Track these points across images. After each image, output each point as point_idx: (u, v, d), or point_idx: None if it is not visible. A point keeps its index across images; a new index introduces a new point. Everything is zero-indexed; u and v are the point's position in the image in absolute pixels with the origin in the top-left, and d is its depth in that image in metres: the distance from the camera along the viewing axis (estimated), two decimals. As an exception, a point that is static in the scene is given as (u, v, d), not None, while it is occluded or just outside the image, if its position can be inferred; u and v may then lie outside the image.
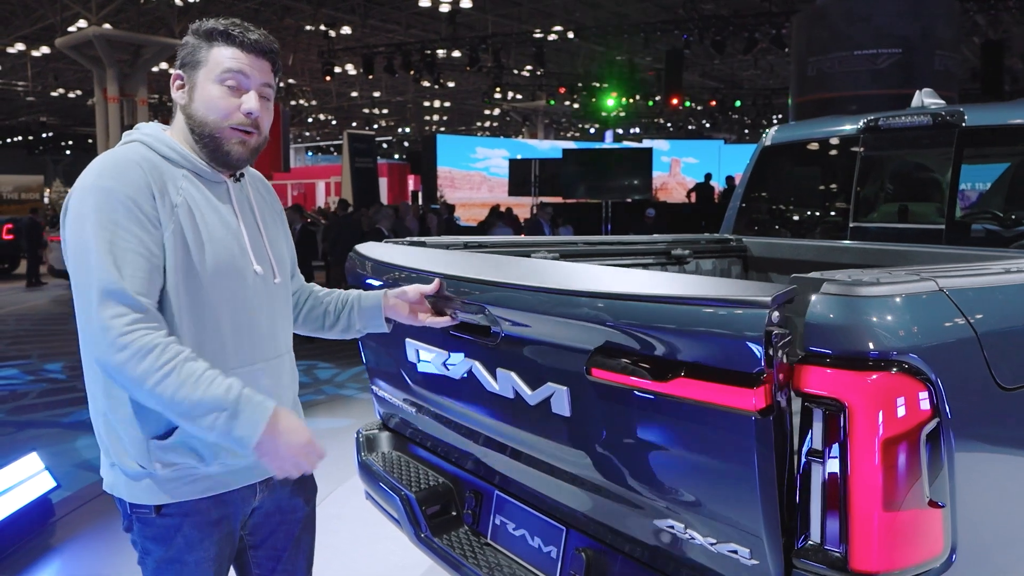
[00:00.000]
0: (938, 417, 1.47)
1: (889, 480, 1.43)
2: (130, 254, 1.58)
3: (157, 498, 1.71)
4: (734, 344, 1.46)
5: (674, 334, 1.57)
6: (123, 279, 1.55)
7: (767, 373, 1.43)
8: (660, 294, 1.62)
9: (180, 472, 1.70)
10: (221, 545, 1.81)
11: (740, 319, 1.44)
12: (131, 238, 1.59)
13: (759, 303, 1.42)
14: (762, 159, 4.07)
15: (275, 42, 1.81)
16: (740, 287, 1.52)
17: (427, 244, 2.93)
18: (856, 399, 1.43)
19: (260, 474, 1.83)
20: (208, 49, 1.74)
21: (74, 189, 1.64)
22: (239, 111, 1.73)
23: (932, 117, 3.32)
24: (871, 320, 1.46)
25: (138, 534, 1.76)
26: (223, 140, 1.74)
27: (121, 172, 1.64)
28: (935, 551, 1.50)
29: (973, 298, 1.63)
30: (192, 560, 1.75)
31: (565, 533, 2.16)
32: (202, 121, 1.74)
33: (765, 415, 1.44)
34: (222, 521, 1.79)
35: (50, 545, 4.05)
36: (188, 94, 1.76)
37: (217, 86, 1.72)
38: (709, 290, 1.57)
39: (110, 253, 1.56)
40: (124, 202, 1.60)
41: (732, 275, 3.97)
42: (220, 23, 1.74)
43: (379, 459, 2.89)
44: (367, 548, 3.92)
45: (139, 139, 1.75)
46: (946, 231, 3.29)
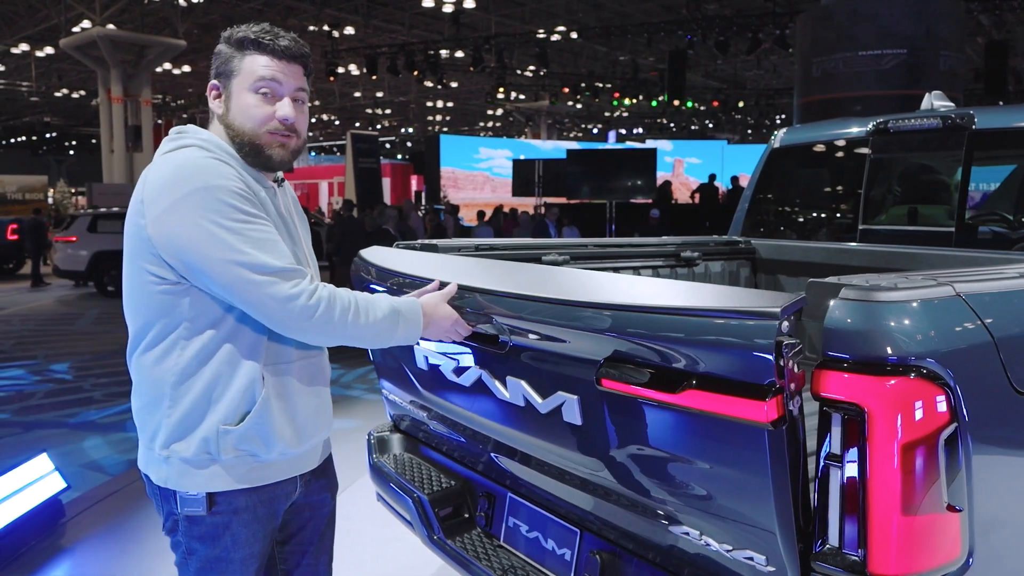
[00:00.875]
0: (956, 421, 1.48)
1: (908, 484, 1.44)
2: (268, 234, 1.69)
3: (215, 485, 1.75)
4: (744, 355, 1.46)
5: (683, 345, 1.56)
6: (277, 257, 1.67)
7: (779, 384, 1.42)
8: (668, 305, 1.61)
9: (243, 459, 1.75)
10: (264, 542, 1.85)
11: (750, 330, 1.44)
12: (259, 221, 1.69)
13: (768, 314, 1.42)
14: (771, 161, 4.07)
15: (305, 46, 1.84)
16: (749, 296, 1.52)
17: (439, 248, 2.93)
18: (875, 404, 1.43)
19: (306, 465, 1.90)
20: (241, 58, 1.77)
21: (174, 197, 1.64)
22: (274, 118, 1.77)
23: (942, 119, 3.32)
24: (889, 325, 1.47)
25: (184, 534, 1.78)
26: (263, 146, 1.79)
27: (217, 168, 1.68)
28: (953, 555, 1.51)
29: (989, 302, 1.64)
30: (238, 558, 1.79)
31: (579, 536, 2.17)
32: (240, 130, 1.78)
33: (777, 426, 1.44)
34: (268, 517, 1.83)
35: (61, 546, 4.07)
36: (224, 104, 1.80)
37: (252, 95, 1.77)
38: (718, 300, 1.56)
39: (252, 240, 1.65)
40: (237, 192, 1.67)
41: (741, 277, 3.98)
42: (251, 31, 1.77)
43: (391, 461, 2.90)
44: (376, 549, 3.93)
45: (195, 144, 1.76)
46: (956, 234, 3.29)
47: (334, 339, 1.77)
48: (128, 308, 1.79)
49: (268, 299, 1.65)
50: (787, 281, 3.89)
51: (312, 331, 1.72)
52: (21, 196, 31.28)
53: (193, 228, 1.63)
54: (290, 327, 1.70)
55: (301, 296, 1.67)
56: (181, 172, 1.67)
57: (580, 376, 1.82)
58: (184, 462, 1.73)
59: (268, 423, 1.76)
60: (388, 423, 3.11)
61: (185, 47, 21.12)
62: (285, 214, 1.89)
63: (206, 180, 1.65)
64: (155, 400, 1.75)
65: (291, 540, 1.99)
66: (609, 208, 14.92)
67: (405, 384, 2.68)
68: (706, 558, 1.77)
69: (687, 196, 22.64)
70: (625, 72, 24.75)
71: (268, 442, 1.77)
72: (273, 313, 1.68)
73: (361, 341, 1.81)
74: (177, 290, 1.70)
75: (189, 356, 1.72)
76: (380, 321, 1.79)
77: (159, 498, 1.81)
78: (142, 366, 1.77)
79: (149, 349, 1.75)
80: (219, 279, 1.65)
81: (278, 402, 1.79)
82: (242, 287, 1.65)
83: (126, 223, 1.77)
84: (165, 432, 1.74)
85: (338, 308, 1.72)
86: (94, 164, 26.46)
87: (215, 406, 1.72)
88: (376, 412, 6.45)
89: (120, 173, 21.69)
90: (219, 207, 1.64)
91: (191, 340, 1.72)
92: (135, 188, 1.76)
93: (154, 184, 1.69)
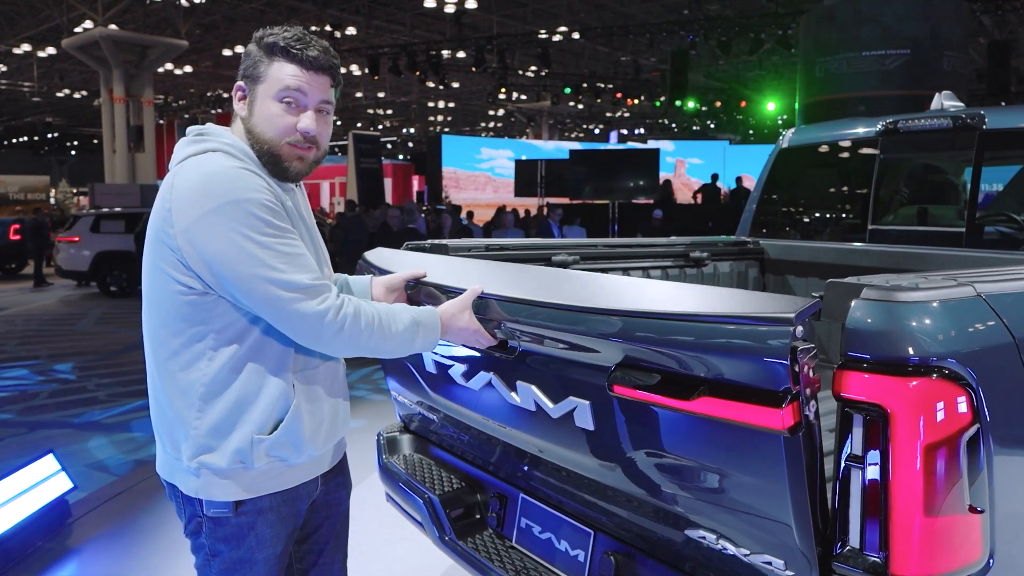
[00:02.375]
0: (978, 422, 1.47)
1: (929, 485, 1.43)
2: (297, 248, 1.70)
3: (246, 493, 1.75)
4: (759, 362, 1.44)
5: (696, 351, 1.55)
6: (305, 273, 1.68)
7: (794, 390, 1.41)
8: (680, 311, 1.59)
9: (274, 465, 1.76)
10: (288, 542, 1.85)
11: (764, 336, 1.42)
12: (288, 236, 1.69)
13: (783, 319, 1.39)
14: (779, 161, 4.06)
15: (335, 56, 1.82)
16: (762, 301, 1.50)
17: (449, 249, 2.93)
18: (897, 405, 1.43)
19: (326, 464, 1.92)
20: (268, 64, 1.75)
21: (204, 209, 1.62)
22: (296, 130, 1.75)
23: (952, 120, 3.31)
24: (911, 325, 1.46)
25: (208, 536, 1.78)
26: (281, 157, 1.77)
27: (248, 180, 1.67)
28: (974, 556, 1.50)
29: (1010, 303, 1.63)
30: (262, 558, 1.79)
31: (593, 537, 2.16)
32: (261, 137, 1.76)
33: (794, 432, 1.43)
34: (291, 517, 1.84)
35: (68, 546, 4.06)
36: (249, 107, 1.78)
37: (276, 103, 1.75)
38: (731, 305, 1.53)
39: (281, 255, 1.65)
40: (268, 206, 1.66)
41: (750, 278, 3.97)
42: (282, 37, 1.75)
43: (400, 461, 2.89)
44: (385, 549, 3.92)
45: (221, 148, 1.73)
46: (966, 234, 3.28)
47: (357, 352, 1.78)
48: (150, 314, 1.77)
49: (296, 315, 1.66)
50: (796, 282, 3.88)
51: (337, 345, 1.73)
52: (23, 196, 31.31)
53: (224, 242, 1.62)
54: (316, 342, 1.72)
55: (328, 312, 1.68)
56: (211, 183, 1.65)
57: (592, 381, 1.80)
58: (216, 473, 1.73)
59: (300, 429, 1.77)
60: (398, 423, 3.10)
61: (187, 47, 21.13)
62: (306, 214, 1.90)
63: (237, 193, 1.63)
64: (181, 409, 1.73)
65: (308, 539, 2.00)
66: (612, 208, 14.92)
67: (414, 386, 2.68)
68: (723, 561, 1.76)
69: (689, 196, 22.63)
70: (627, 72, 24.74)
71: (299, 447, 1.78)
72: (301, 329, 1.69)
73: (383, 352, 1.82)
74: (205, 300, 1.69)
75: (218, 366, 1.71)
76: (401, 333, 1.80)
77: (181, 502, 1.80)
78: (167, 374, 1.75)
79: (174, 357, 1.73)
80: (248, 294, 1.65)
81: (308, 407, 1.79)
82: (271, 302, 1.65)
83: (150, 227, 1.75)
84: (194, 443, 1.72)
85: (363, 322, 1.73)
86: (96, 164, 26.46)
87: (247, 416, 1.71)
88: (382, 412, 6.45)
89: (122, 173, 21.69)
90: (250, 221, 1.63)
91: (219, 350, 1.71)
92: (160, 191, 1.73)
93: (183, 193, 1.66)
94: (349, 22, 20.88)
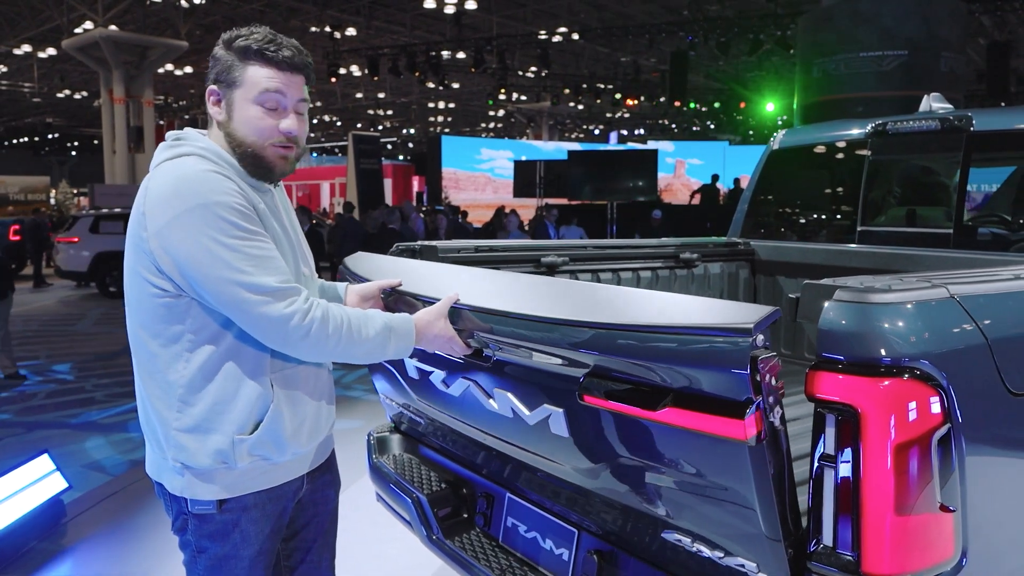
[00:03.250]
0: (949, 422, 1.49)
1: (901, 484, 1.45)
2: (266, 251, 1.71)
3: (230, 491, 1.77)
4: (720, 372, 1.44)
5: (660, 362, 1.54)
6: (273, 276, 1.69)
7: (756, 399, 1.41)
8: (640, 323, 1.57)
9: (256, 464, 1.77)
10: (273, 539, 1.87)
11: (724, 347, 1.41)
12: (260, 238, 1.70)
13: (741, 329, 1.39)
14: (770, 162, 4.08)
15: (308, 55, 1.83)
16: (723, 311, 1.49)
17: (438, 251, 2.95)
18: (869, 405, 1.44)
19: (312, 463, 1.94)
20: (243, 67, 1.76)
21: (175, 211, 1.64)
22: (278, 131, 1.78)
23: (940, 122, 3.33)
24: (883, 326, 1.48)
25: (194, 533, 1.80)
26: (265, 158, 1.79)
27: (219, 183, 1.68)
28: (946, 555, 1.52)
29: (984, 304, 1.64)
30: (247, 555, 1.80)
31: (577, 535, 2.18)
32: (243, 141, 1.78)
33: (758, 441, 1.44)
34: (277, 515, 1.86)
35: (62, 546, 4.08)
36: (227, 112, 1.79)
37: (255, 107, 1.76)
38: (691, 316, 1.53)
39: (250, 258, 1.66)
40: (238, 209, 1.67)
41: (740, 279, 3.99)
42: (254, 40, 1.75)
43: (390, 461, 2.91)
44: (376, 549, 3.94)
45: (195, 152, 1.75)
46: (954, 235, 3.30)
47: (326, 356, 1.79)
48: (130, 316, 1.80)
49: (262, 318, 1.67)
50: (786, 283, 3.90)
51: (305, 349, 1.74)
52: (23, 197, 31.35)
53: (192, 244, 1.63)
54: (283, 345, 1.73)
55: (295, 316, 1.68)
56: (182, 185, 1.67)
57: (564, 390, 1.81)
58: (200, 473, 1.75)
59: (280, 428, 1.78)
60: (388, 424, 3.12)
61: (187, 48, 21.16)
62: (283, 215, 1.91)
63: (206, 196, 1.65)
64: (163, 410, 1.76)
65: (295, 537, 2.01)
66: (610, 209, 14.94)
67: (399, 389, 2.69)
68: (700, 563, 1.78)
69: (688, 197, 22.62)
70: (627, 73, 24.76)
71: (281, 446, 1.79)
72: (267, 331, 1.70)
73: (353, 358, 1.82)
74: (179, 303, 1.71)
75: (195, 368, 1.73)
76: (372, 339, 1.80)
77: (168, 499, 1.83)
78: (148, 375, 1.77)
79: (153, 359, 1.75)
80: (216, 296, 1.66)
81: (288, 407, 1.81)
82: (238, 305, 1.66)
83: (128, 232, 1.78)
84: (176, 443, 1.75)
85: (331, 327, 1.74)
86: (96, 165, 26.49)
87: (227, 417, 1.73)
88: (377, 412, 6.46)
89: (122, 174, 21.73)
90: (219, 224, 1.64)
91: (195, 352, 1.73)
92: (137, 196, 1.76)
93: (155, 196, 1.69)
94: (349, 23, 20.92)
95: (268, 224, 1.78)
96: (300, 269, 1.90)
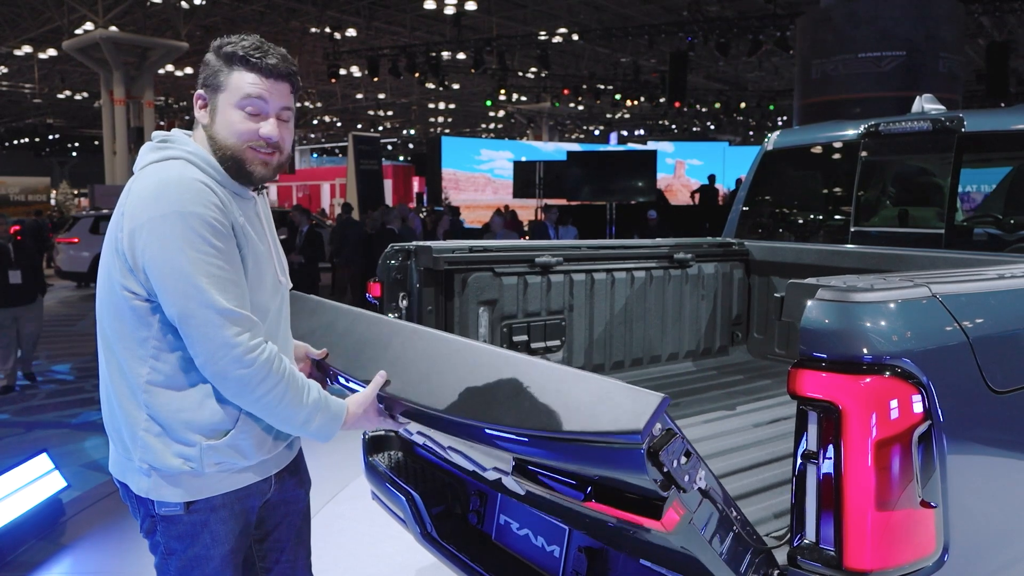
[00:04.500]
0: (930, 419, 1.51)
1: (882, 481, 1.48)
2: (229, 274, 1.68)
3: (196, 494, 1.76)
4: (625, 472, 1.39)
5: (570, 463, 1.51)
6: (230, 299, 1.66)
7: (667, 491, 1.36)
8: (535, 433, 1.47)
9: (224, 468, 1.77)
10: (242, 539, 1.87)
11: (620, 452, 1.34)
12: (226, 259, 1.68)
13: (630, 432, 1.30)
14: (764, 163, 4.10)
15: (294, 64, 1.85)
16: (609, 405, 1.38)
17: (433, 250, 2.97)
18: (850, 402, 1.47)
19: (279, 464, 1.93)
20: (228, 73, 1.78)
21: (151, 214, 1.65)
22: (258, 136, 1.78)
23: (932, 123, 3.35)
24: (865, 325, 1.50)
25: (163, 534, 1.80)
26: (245, 161, 1.80)
27: (199, 195, 1.67)
28: (927, 550, 1.54)
29: (966, 303, 1.67)
30: (217, 555, 1.81)
31: (568, 533, 2.21)
32: (223, 144, 1.79)
33: (681, 525, 1.42)
34: (244, 514, 1.86)
35: (61, 544, 4.11)
36: (210, 115, 1.81)
37: (237, 111, 1.77)
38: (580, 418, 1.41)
39: (211, 276, 1.64)
40: (212, 224, 1.66)
41: (735, 279, 4.01)
42: (240, 47, 1.77)
43: (385, 460, 2.93)
44: (371, 548, 3.96)
45: (183, 157, 1.75)
46: (946, 235, 3.32)
47: (249, 402, 1.71)
48: (101, 316, 1.79)
49: (205, 338, 1.64)
50: (780, 283, 3.92)
51: (233, 386, 1.69)
52: (24, 198, 31.38)
53: (158, 249, 1.64)
54: (215, 373, 1.68)
55: (237, 348, 1.64)
56: (163, 190, 1.67)
57: (501, 468, 1.80)
58: (166, 476, 1.75)
59: (248, 436, 1.78)
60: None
61: (187, 49, 21.17)
62: (263, 223, 1.91)
63: (184, 205, 1.65)
64: (130, 411, 1.76)
65: (268, 537, 2.01)
66: (609, 210, 14.94)
67: None
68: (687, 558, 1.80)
69: (687, 197, 22.64)
70: (626, 74, 24.77)
71: (248, 453, 1.79)
72: (206, 353, 1.66)
73: (271, 417, 1.76)
74: (147, 307, 1.71)
75: (161, 374, 1.72)
76: (300, 407, 1.74)
77: (135, 502, 1.83)
78: (117, 376, 1.77)
79: (121, 361, 1.75)
80: (168, 305, 1.66)
81: (256, 417, 1.79)
82: (186, 318, 1.64)
83: (107, 231, 1.78)
84: (144, 446, 1.74)
85: (272, 374, 1.68)
86: (97, 166, 26.53)
87: (195, 424, 1.73)
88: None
89: (123, 175, 21.73)
90: (189, 235, 1.63)
91: (160, 358, 1.72)
92: (120, 197, 1.76)
93: (136, 198, 1.69)
94: (349, 24, 20.92)
95: (246, 236, 1.77)
96: (277, 277, 1.89)
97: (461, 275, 3.07)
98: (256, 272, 1.79)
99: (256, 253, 1.80)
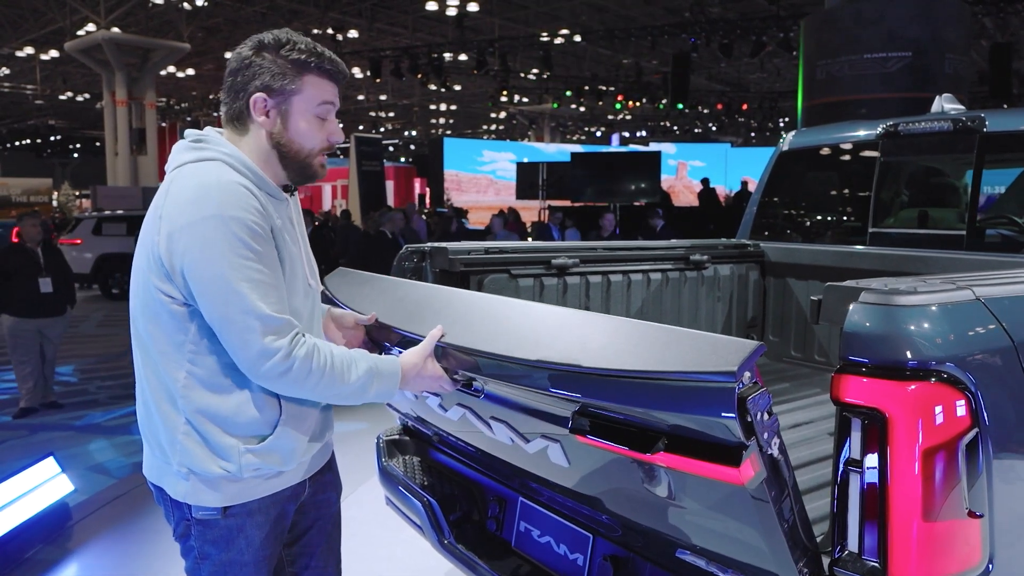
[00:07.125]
0: (977, 426, 1.47)
1: (928, 490, 1.43)
2: (269, 278, 1.67)
3: (234, 499, 1.74)
4: (708, 416, 1.36)
5: (646, 407, 1.46)
6: (271, 304, 1.65)
7: (749, 442, 1.35)
8: (619, 369, 1.46)
9: (261, 474, 1.75)
10: (276, 544, 1.85)
11: (709, 392, 1.33)
12: (266, 263, 1.66)
13: (724, 372, 1.30)
14: (779, 164, 4.06)
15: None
16: (704, 349, 1.38)
17: (449, 252, 2.92)
18: (896, 409, 1.43)
19: (314, 467, 1.92)
20: (299, 77, 1.75)
21: (190, 218, 1.61)
22: (329, 140, 1.81)
23: (952, 122, 3.31)
24: (909, 329, 1.46)
25: (197, 539, 1.77)
26: (311, 166, 1.82)
27: (240, 198, 1.65)
28: (973, 561, 1.50)
29: (1009, 306, 1.63)
30: (251, 560, 1.79)
31: (592, 540, 2.16)
32: (297, 150, 1.78)
33: (755, 482, 1.39)
34: (279, 519, 1.84)
35: (68, 549, 4.06)
36: (280, 122, 1.76)
37: (315, 119, 1.78)
38: (673, 358, 1.41)
39: (252, 281, 1.62)
40: (253, 228, 1.64)
41: (750, 280, 3.96)
42: (312, 54, 1.75)
43: (400, 465, 2.89)
44: (385, 551, 3.92)
45: (220, 159, 1.72)
46: (967, 237, 3.28)
47: (303, 395, 1.74)
48: (136, 319, 1.76)
49: (244, 344, 1.63)
50: (796, 285, 3.88)
51: (280, 388, 1.70)
52: (26, 199, 31.33)
53: (198, 253, 1.61)
54: (257, 379, 1.68)
55: (277, 354, 1.64)
56: (204, 193, 1.64)
57: (557, 425, 1.74)
58: (205, 480, 1.72)
59: (288, 440, 1.77)
60: (397, 426, 3.10)
61: (189, 50, 21.16)
62: (296, 226, 1.88)
63: (225, 208, 1.62)
64: (168, 414, 1.73)
65: (298, 541, 1.99)
66: (613, 211, 14.91)
67: (403, 401, 2.64)
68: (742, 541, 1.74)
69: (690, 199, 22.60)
70: (629, 75, 24.74)
71: (287, 457, 1.78)
72: (244, 360, 1.66)
73: (331, 399, 1.79)
74: (186, 311, 1.68)
75: (200, 378, 1.70)
76: (353, 382, 1.74)
77: (170, 505, 1.80)
78: (154, 379, 1.74)
79: (159, 364, 1.72)
80: (208, 310, 1.64)
81: (295, 419, 1.78)
82: (225, 323, 1.63)
83: (142, 233, 1.74)
84: (183, 450, 1.72)
85: (314, 365, 1.68)
86: (98, 167, 26.51)
87: (236, 430, 1.71)
88: (384, 414, 6.43)
89: (124, 176, 21.72)
90: (230, 239, 1.61)
91: (198, 362, 1.69)
92: (155, 198, 1.72)
93: (175, 201, 1.66)
94: (351, 25, 20.90)
95: (282, 240, 1.75)
96: (308, 281, 1.87)
97: (477, 277, 3.03)
98: (291, 276, 1.77)
99: (291, 256, 1.78)
